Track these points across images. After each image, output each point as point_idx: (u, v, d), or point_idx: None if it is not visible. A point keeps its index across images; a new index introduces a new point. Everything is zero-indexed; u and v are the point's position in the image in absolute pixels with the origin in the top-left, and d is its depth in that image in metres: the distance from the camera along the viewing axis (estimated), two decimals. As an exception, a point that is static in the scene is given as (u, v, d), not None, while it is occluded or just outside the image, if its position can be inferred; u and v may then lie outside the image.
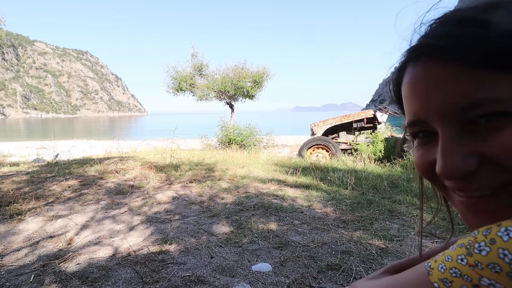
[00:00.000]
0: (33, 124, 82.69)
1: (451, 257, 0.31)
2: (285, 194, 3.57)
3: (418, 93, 0.32)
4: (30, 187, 3.63)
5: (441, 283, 0.31)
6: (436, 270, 0.32)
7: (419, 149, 0.36)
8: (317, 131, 8.64)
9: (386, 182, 4.06)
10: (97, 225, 2.55)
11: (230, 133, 10.64)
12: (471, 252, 0.29)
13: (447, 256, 0.31)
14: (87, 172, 4.48)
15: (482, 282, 0.27)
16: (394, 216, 2.82)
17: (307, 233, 2.39)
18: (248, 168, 5.27)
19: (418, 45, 0.32)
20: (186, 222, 2.64)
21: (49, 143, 7.42)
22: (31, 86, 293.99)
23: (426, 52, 0.31)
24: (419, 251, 0.45)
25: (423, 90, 0.31)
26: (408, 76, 0.33)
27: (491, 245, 0.28)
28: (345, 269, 1.83)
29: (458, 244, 0.31)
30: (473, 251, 0.29)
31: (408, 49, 0.33)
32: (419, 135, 0.35)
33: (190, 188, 3.83)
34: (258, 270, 1.84)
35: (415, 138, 0.36)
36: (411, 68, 0.33)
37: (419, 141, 0.36)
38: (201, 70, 12.87)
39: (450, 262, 0.31)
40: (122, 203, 3.13)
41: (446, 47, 0.29)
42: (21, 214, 2.69)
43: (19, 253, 2.03)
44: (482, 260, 0.28)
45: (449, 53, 0.29)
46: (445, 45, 0.29)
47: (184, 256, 2.01)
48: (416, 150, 0.37)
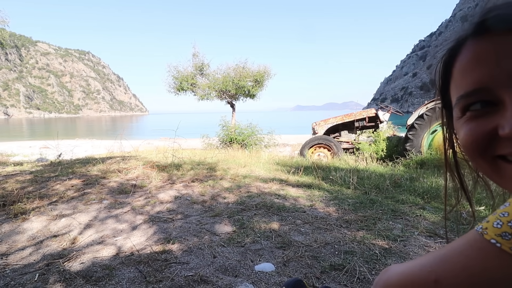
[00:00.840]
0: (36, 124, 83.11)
1: (507, 212, 0.31)
2: (287, 194, 3.57)
3: (484, 62, 0.33)
4: (33, 186, 3.65)
5: (499, 238, 0.31)
6: (491, 228, 0.32)
7: (469, 123, 0.36)
8: (319, 130, 8.63)
9: (389, 181, 4.05)
10: (100, 225, 2.55)
11: (231, 133, 10.65)
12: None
13: (502, 213, 0.31)
14: (90, 172, 4.49)
15: None
16: (397, 216, 2.81)
17: (310, 233, 2.39)
18: (250, 168, 5.27)
19: (486, 19, 0.33)
20: (189, 222, 2.64)
21: (52, 143, 7.46)
22: (34, 86, 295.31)
23: (496, 23, 0.33)
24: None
25: (492, 58, 0.33)
26: (469, 50, 0.35)
27: None
28: (349, 269, 1.82)
29: (511, 201, 0.32)
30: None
31: (473, 23, 0.34)
32: (474, 108, 0.36)
33: (192, 187, 3.83)
34: (261, 270, 1.84)
35: (465, 112, 0.37)
36: (473, 42, 0.34)
37: (473, 114, 0.36)
38: (202, 70, 12.88)
39: (506, 217, 0.31)
40: (125, 203, 3.14)
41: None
42: (25, 213, 2.70)
43: (24, 252, 2.05)
44: None
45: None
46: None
47: (187, 255, 2.02)
48: (464, 125, 0.37)
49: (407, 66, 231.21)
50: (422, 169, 5.27)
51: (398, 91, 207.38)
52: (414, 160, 6.04)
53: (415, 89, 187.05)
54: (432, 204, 3.19)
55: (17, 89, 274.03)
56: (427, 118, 6.55)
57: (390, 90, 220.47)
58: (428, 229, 2.46)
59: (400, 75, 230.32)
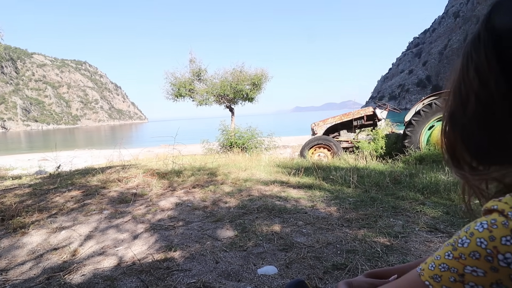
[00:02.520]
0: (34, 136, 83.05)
1: (439, 256, 0.36)
2: (288, 195, 3.56)
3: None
4: (33, 199, 3.63)
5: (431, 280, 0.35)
6: (427, 270, 0.36)
7: None
8: (318, 131, 8.64)
9: (389, 178, 4.05)
10: (101, 235, 2.54)
11: (231, 137, 10.64)
12: (455, 247, 0.34)
13: (436, 256, 0.36)
14: (89, 182, 4.48)
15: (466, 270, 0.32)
16: (398, 212, 2.81)
17: (312, 233, 2.38)
18: (251, 171, 5.26)
19: None
20: (190, 228, 2.63)
21: (51, 155, 7.44)
22: (31, 98, 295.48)
23: None
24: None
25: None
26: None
27: (470, 237, 0.33)
28: (351, 268, 1.81)
29: (445, 244, 0.36)
30: (457, 246, 0.34)
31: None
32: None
33: (193, 193, 3.82)
34: (263, 274, 1.83)
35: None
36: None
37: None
38: (199, 75, 12.91)
39: (438, 260, 0.35)
40: (126, 212, 3.13)
41: None
42: (25, 227, 2.69)
43: (24, 267, 2.03)
44: (464, 251, 0.33)
45: None
46: None
47: (189, 262, 2.01)
48: None
49: (403, 63, 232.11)
50: (421, 165, 5.27)
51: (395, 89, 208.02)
52: (413, 156, 6.04)
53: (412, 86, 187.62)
54: (432, 199, 3.18)
55: (14, 102, 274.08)
56: (424, 114, 6.56)
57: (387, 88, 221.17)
58: (429, 224, 2.46)
59: (396, 73, 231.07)
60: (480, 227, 0.33)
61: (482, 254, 0.31)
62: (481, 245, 0.32)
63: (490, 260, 0.31)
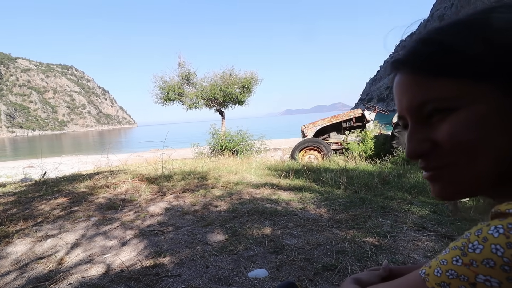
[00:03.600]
0: (19, 143, 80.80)
1: (446, 260, 0.32)
2: (279, 198, 3.57)
3: (396, 97, 0.41)
4: (17, 208, 3.53)
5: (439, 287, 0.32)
6: (432, 275, 0.33)
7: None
8: (308, 133, 8.70)
9: (378, 179, 4.11)
10: (88, 243, 2.49)
11: (221, 140, 10.61)
12: (465, 252, 0.30)
13: (442, 260, 0.32)
14: (76, 189, 4.39)
15: (478, 279, 0.29)
16: (386, 212, 2.85)
17: (302, 235, 2.39)
18: (241, 174, 5.25)
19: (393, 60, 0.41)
20: (180, 233, 2.60)
21: (37, 161, 7.25)
22: (15, 104, 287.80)
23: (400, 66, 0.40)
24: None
25: (398, 94, 0.40)
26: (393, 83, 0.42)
27: (483, 242, 0.29)
28: (341, 269, 1.83)
29: (451, 247, 0.33)
30: (467, 251, 0.30)
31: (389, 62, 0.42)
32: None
33: (183, 198, 3.79)
34: (254, 277, 1.83)
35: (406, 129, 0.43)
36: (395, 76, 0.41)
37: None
38: (189, 79, 12.85)
39: (445, 265, 0.32)
40: (114, 218, 3.07)
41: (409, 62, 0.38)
42: (9, 237, 2.61)
43: (8, 277, 1.97)
44: (476, 258, 0.29)
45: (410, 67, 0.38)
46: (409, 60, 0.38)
47: (179, 268, 1.98)
48: None
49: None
50: (408, 165, 5.37)
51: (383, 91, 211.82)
52: (401, 156, 6.16)
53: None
54: (420, 198, 3.25)
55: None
56: (411, 115, 6.70)
57: (375, 90, 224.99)
58: (417, 223, 2.50)
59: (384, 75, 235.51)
60: (495, 231, 0.29)
61: (497, 263, 0.28)
62: (496, 252, 0.28)
63: (507, 270, 0.27)
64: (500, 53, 0.32)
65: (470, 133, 0.33)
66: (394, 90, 0.41)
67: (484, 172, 0.34)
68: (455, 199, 0.38)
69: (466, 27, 0.35)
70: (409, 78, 0.38)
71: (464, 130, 0.34)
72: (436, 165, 0.37)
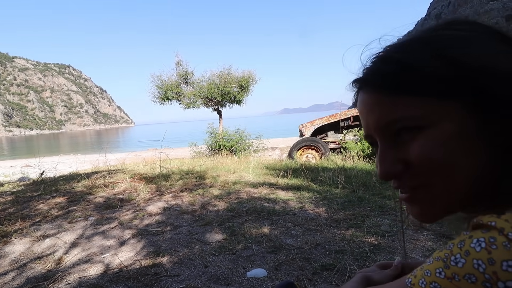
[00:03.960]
0: (17, 142, 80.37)
1: (429, 272, 0.32)
2: (277, 197, 3.58)
3: (361, 116, 0.40)
4: (15, 207, 3.52)
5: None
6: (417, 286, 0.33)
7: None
8: (306, 132, 8.71)
9: (376, 178, 4.12)
10: (86, 242, 2.49)
11: (219, 139, 10.61)
12: (448, 264, 0.30)
13: (426, 271, 0.33)
14: (74, 188, 4.37)
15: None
16: (384, 211, 2.86)
17: (300, 235, 2.40)
18: (239, 173, 5.26)
19: (355, 79, 0.40)
20: (179, 233, 2.60)
21: (34, 161, 7.22)
22: (13, 103, 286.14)
23: (361, 85, 0.39)
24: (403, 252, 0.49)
25: (363, 113, 0.40)
26: (357, 102, 0.41)
27: (466, 256, 0.29)
28: (339, 268, 1.84)
29: (435, 257, 0.33)
30: (449, 263, 0.30)
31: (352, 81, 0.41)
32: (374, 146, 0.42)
33: (181, 197, 3.78)
34: (253, 276, 1.83)
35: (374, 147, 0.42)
36: (359, 95, 0.41)
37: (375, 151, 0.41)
38: (186, 78, 12.83)
39: (429, 277, 0.32)
40: (112, 218, 3.07)
41: (370, 81, 0.38)
42: (7, 236, 2.60)
43: (6, 277, 1.96)
44: (458, 272, 0.29)
45: (371, 86, 0.37)
46: (370, 80, 0.38)
47: (178, 267, 1.99)
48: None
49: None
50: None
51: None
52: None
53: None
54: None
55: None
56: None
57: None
58: (415, 222, 2.52)
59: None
60: (477, 245, 0.29)
61: (479, 279, 0.28)
62: (478, 268, 0.28)
63: (488, 286, 0.27)
64: (459, 71, 0.32)
65: (440, 152, 0.33)
66: (358, 109, 0.40)
67: (459, 190, 0.34)
68: (436, 219, 0.37)
69: (423, 44, 0.35)
70: (372, 97, 0.37)
71: (434, 149, 0.33)
72: (411, 185, 0.36)
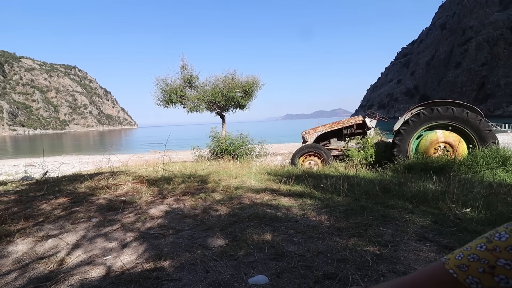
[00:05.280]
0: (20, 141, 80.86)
1: (470, 247, 0.35)
2: (279, 204, 3.58)
3: None
4: (18, 207, 3.54)
5: (457, 269, 0.34)
6: (453, 259, 0.36)
7: None
8: (309, 139, 8.72)
9: (378, 187, 4.11)
10: (89, 244, 2.49)
11: (222, 144, 10.62)
12: (491, 240, 0.33)
13: (466, 247, 0.35)
14: (77, 189, 4.39)
15: (499, 262, 0.31)
16: (387, 221, 2.85)
17: (303, 242, 2.39)
18: (241, 179, 5.26)
19: None
20: (180, 237, 2.61)
21: (38, 160, 7.27)
22: (18, 102, 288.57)
23: None
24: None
25: None
26: None
27: (510, 233, 0.32)
28: (342, 277, 1.83)
29: (478, 238, 0.35)
30: (493, 239, 0.33)
31: None
32: None
33: (183, 201, 3.79)
34: (254, 283, 1.83)
35: None
36: None
37: None
38: (191, 82, 12.90)
39: (468, 251, 0.35)
40: (114, 220, 3.08)
41: None
42: (10, 236, 2.61)
43: (8, 277, 1.97)
44: (501, 244, 0.32)
45: None
46: None
47: (179, 272, 1.99)
48: None
49: (392, 73, 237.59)
50: (410, 174, 5.37)
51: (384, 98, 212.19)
52: (402, 165, 6.16)
53: (400, 95, 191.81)
54: (421, 208, 3.25)
55: (0, 106, 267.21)
56: (412, 123, 6.72)
57: (376, 97, 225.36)
58: (418, 233, 2.50)
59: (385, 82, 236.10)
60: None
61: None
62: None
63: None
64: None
65: None
66: None
67: None
68: None
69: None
70: None
71: None
72: None
